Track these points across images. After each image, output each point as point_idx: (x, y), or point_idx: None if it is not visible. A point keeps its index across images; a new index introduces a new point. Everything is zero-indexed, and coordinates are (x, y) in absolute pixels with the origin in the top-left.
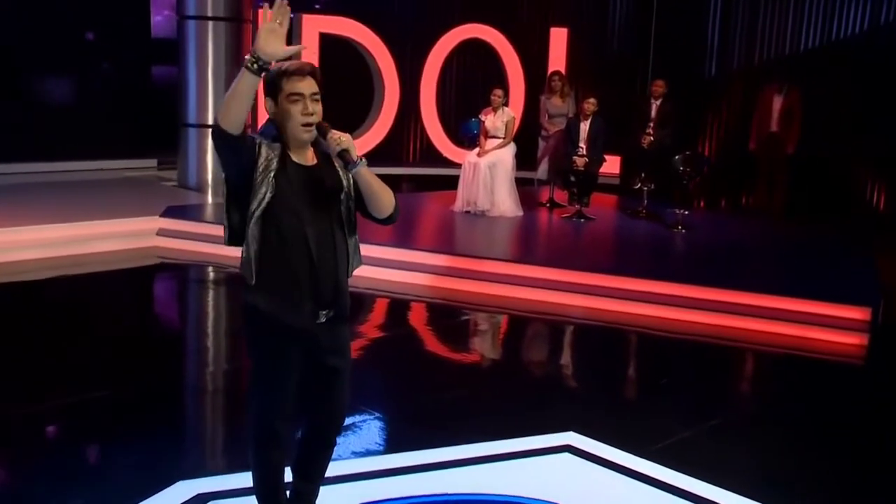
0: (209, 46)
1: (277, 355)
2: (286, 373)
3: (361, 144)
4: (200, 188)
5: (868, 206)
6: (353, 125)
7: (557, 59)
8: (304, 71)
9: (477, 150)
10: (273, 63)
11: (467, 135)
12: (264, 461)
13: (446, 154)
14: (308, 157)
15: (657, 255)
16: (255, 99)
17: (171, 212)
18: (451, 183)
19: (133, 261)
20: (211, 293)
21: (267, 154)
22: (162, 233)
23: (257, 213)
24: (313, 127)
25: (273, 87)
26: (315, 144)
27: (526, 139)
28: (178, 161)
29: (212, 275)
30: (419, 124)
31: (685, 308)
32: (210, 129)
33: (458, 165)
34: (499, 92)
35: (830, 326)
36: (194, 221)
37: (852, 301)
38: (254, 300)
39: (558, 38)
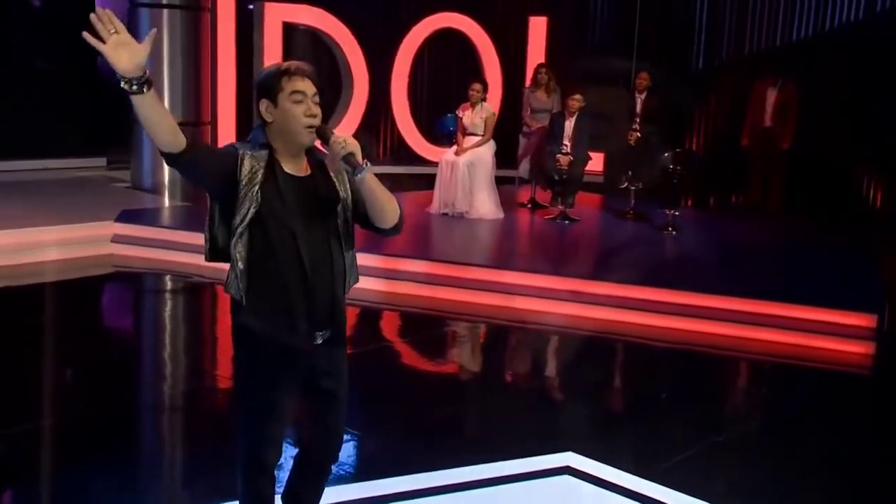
0: (164, 37)
1: (270, 379)
2: (279, 398)
3: None
4: (156, 190)
5: (869, 204)
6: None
7: (537, 49)
8: (303, 70)
9: (454, 148)
10: (146, 71)
11: (443, 131)
12: (254, 492)
13: (419, 151)
14: (301, 167)
15: (648, 259)
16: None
17: (127, 216)
18: (425, 182)
19: (85, 270)
20: (172, 305)
21: (251, 165)
22: (117, 239)
23: (240, 228)
24: (315, 130)
25: (270, 87)
26: (308, 152)
27: (505, 135)
28: (131, 160)
29: (172, 284)
30: (390, 120)
31: (678, 316)
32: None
33: (432, 163)
34: (477, 86)
35: (833, 334)
36: (152, 227)
37: (856, 307)
38: (245, 321)
39: (537, 28)
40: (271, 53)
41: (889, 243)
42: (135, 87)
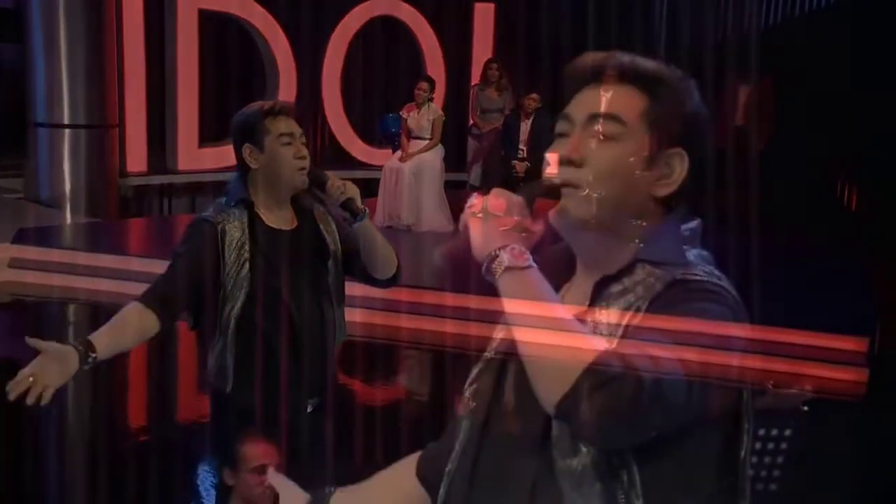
0: (61, 24)
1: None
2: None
3: None
4: (56, 202)
5: (854, 212)
6: None
7: (483, 41)
8: (288, 109)
9: (399, 153)
10: (78, 346)
11: (385, 133)
12: None
13: (355, 154)
14: (287, 218)
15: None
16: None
17: (25, 236)
18: (365, 189)
19: None
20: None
21: (235, 238)
22: (15, 263)
23: (234, 314)
24: (306, 172)
25: (255, 130)
26: (294, 200)
27: (453, 137)
28: (24, 168)
29: (79, 316)
30: (321, 119)
31: (651, 341)
32: None
33: (370, 167)
34: (423, 85)
35: (821, 360)
36: (55, 249)
37: (845, 329)
38: (233, 400)
39: (484, 16)
40: (185, 45)
41: (881, 257)
42: (89, 362)
